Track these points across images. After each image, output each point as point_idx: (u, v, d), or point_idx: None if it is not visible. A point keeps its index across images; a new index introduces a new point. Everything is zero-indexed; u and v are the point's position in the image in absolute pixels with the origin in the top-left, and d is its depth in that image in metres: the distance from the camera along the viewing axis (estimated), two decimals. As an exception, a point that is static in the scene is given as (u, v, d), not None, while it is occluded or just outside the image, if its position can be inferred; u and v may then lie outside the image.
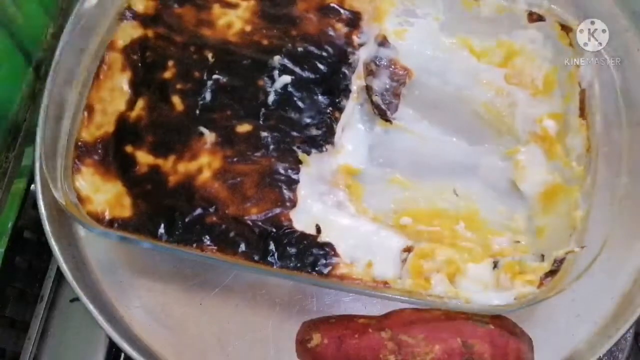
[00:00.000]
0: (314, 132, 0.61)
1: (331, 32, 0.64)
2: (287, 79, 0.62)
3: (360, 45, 0.64)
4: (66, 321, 0.68)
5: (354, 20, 0.65)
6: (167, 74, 0.62)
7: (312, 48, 0.63)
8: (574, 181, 0.58)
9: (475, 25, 0.65)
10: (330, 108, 0.62)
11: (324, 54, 0.63)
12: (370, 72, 0.64)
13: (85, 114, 0.60)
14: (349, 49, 0.64)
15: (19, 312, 0.69)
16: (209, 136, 0.60)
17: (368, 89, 0.64)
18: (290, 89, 0.62)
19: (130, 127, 0.61)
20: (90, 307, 0.57)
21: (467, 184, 0.62)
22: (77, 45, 0.61)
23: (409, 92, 0.64)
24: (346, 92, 0.62)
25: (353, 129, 0.64)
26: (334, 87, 0.62)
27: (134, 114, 0.61)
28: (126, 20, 0.64)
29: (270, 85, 0.62)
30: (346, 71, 0.63)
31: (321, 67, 0.63)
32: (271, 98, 0.62)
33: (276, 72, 0.62)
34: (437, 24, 0.66)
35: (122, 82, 0.62)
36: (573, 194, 0.57)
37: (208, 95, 0.61)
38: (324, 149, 0.60)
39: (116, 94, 0.62)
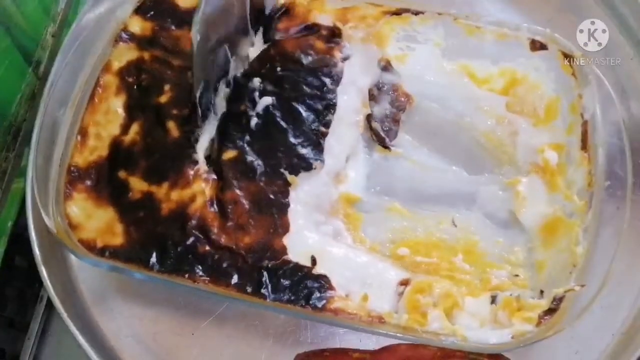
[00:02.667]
0: (301, 150, 0.60)
1: (310, 50, 0.63)
2: (268, 100, 0.61)
3: (344, 59, 0.63)
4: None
5: (334, 36, 0.64)
6: (163, 98, 0.61)
7: (291, 66, 0.62)
8: (575, 215, 0.57)
9: (477, 52, 0.64)
10: (316, 124, 0.61)
11: (305, 69, 0.63)
12: (371, 97, 0.63)
13: (79, 137, 0.59)
14: (332, 61, 0.63)
15: (19, 312, 0.69)
16: (202, 163, 0.59)
17: (368, 115, 0.63)
18: (272, 110, 0.61)
19: (124, 151, 0.60)
20: (80, 338, 0.56)
21: (466, 214, 0.61)
22: (72, 66, 0.60)
23: (408, 118, 0.64)
24: (331, 106, 0.61)
25: (357, 157, 0.63)
26: (318, 102, 0.62)
27: (128, 138, 0.60)
28: (122, 42, 0.63)
29: (252, 108, 0.61)
30: (330, 85, 0.62)
31: (303, 84, 0.62)
32: (254, 121, 0.61)
33: (257, 94, 0.61)
34: (438, 50, 0.65)
35: (117, 105, 0.61)
36: (574, 229, 0.56)
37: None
38: (313, 167, 0.59)
39: (110, 117, 0.61)
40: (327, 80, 0.62)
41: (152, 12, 0.65)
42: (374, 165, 0.63)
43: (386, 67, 0.64)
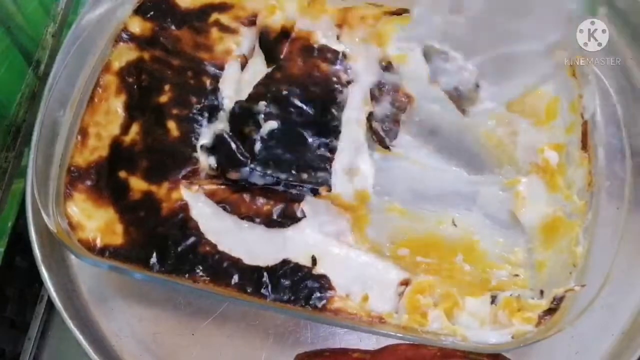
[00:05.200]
0: (305, 177, 0.59)
1: (317, 73, 0.62)
2: (273, 124, 0.60)
3: (349, 82, 0.63)
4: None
5: (341, 59, 0.63)
6: (163, 98, 0.61)
7: (297, 90, 0.61)
8: (575, 216, 0.56)
9: (477, 52, 0.64)
10: (322, 149, 0.60)
11: (310, 95, 0.62)
12: (372, 97, 0.63)
13: (79, 137, 0.59)
14: (338, 87, 0.62)
15: (19, 312, 0.69)
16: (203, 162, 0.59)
17: (368, 115, 0.62)
18: (277, 134, 0.60)
19: (125, 151, 0.60)
20: (80, 338, 0.56)
21: (466, 214, 0.61)
22: (72, 67, 0.60)
23: (408, 118, 0.63)
24: (336, 132, 0.61)
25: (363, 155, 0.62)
26: (324, 128, 0.61)
27: (128, 138, 0.60)
28: (122, 42, 0.63)
29: (257, 132, 0.60)
30: (335, 111, 0.61)
31: (308, 109, 0.61)
32: (258, 146, 0.60)
33: (261, 118, 0.60)
34: (438, 50, 0.65)
35: (117, 105, 0.61)
36: (574, 229, 0.56)
37: (205, 122, 0.61)
38: (319, 192, 0.59)
39: (111, 117, 0.61)
40: (333, 107, 0.61)
41: (152, 12, 0.65)
42: (374, 165, 0.62)
43: (387, 67, 0.64)
